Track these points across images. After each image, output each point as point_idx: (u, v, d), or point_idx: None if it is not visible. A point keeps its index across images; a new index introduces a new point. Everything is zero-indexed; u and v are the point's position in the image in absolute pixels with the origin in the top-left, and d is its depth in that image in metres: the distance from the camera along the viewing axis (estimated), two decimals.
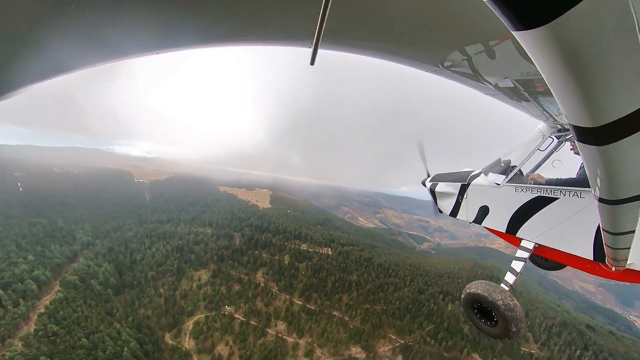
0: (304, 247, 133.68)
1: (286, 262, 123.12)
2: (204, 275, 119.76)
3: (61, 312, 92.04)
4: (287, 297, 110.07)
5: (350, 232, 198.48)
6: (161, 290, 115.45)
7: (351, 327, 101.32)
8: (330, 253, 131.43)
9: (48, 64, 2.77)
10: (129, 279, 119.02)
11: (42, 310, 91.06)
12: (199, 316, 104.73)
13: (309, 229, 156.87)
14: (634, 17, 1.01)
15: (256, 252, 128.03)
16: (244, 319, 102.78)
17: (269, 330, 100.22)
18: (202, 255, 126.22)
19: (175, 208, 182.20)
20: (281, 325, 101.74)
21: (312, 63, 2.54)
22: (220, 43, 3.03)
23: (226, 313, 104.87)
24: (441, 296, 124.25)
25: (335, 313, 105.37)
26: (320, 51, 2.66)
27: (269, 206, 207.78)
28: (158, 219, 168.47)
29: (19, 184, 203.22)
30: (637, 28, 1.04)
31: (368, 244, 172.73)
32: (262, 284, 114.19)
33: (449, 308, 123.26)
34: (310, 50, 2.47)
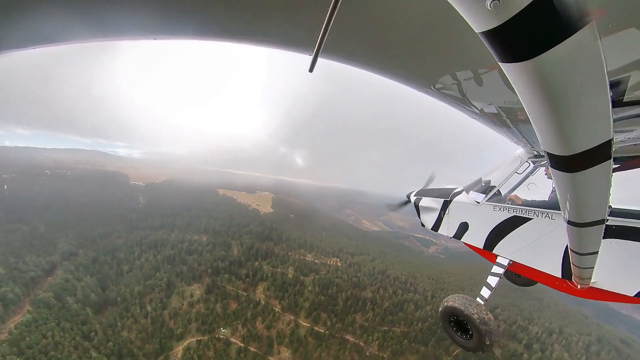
0: (309, 257, 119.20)
1: (290, 276, 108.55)
2: (196, 290, 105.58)
3: (27, 339, 78.22)
4: (292, 317, 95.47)
5: (357, 238, 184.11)
6: (148, 307, 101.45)
7: (367, 354, 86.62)
8: (339, 265, 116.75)
9: (36, 31, 2.61)
10: (112, 294, 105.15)
11: (4, 337, 77.45)
12: (190, 340, 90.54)
13: (314, 236, 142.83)
14: (603, 61, 1.20)
15: (256, 263, 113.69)
16: (241, 345, 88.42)
17: (271, 359, 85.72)
18: (196, 267, 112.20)
19: (170, 212, 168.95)
20: (285, 352, 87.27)
21: (311, 70, 2.60)
22: (220, 38, 2.91)
23: (221, 337, 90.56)
24: None
25: (348, 337, 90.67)
26: (321, 60, 2.89)
27: (271, 210, 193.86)
28: (151, 224, 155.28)
29: (5, 186, 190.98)
30: (605, 71, 1.24)
31: (378, 251, 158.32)
32: (263, 302, 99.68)
33: None
34: (310, 58, 2.53)
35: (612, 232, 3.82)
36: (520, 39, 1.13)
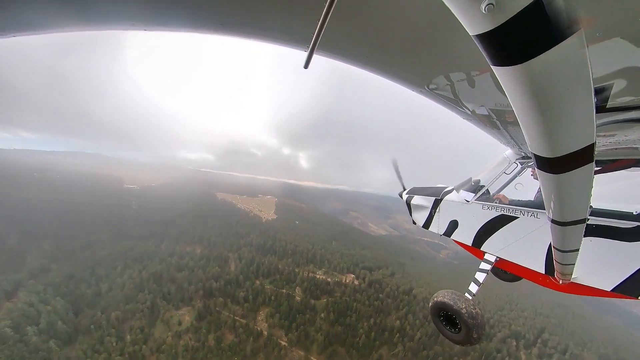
0: (320, 274, 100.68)
1: (298, 299, 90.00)
2: (185, 316, 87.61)
3: None
4: (302, 353, 77.18)
5: (370, 245, 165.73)
6: (127, 338, 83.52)
7: None
8: (356, 283, 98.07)
9: (14, 17, 2.42)
10: (85, 321, 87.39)
11: None
12: None
13: (324, 247, 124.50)
14: (589, 68, 1.26)
15: (257, 282, 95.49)
16: None
17: None
18: (186, 287, 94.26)
19: (162, 220, 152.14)
20: None
21: (306, 66, 2.69)
22: (213, 31, 2.88)
23: None
24: (513, 341, 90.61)
25: None
26: (323, 58, 3.07)
27: (275, 217, 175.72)
28: (139, 233, 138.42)
29: None
30: (591, 78, 1.30)
31: (395, 262, 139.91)
32: (266, 333, 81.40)
33: (524, 357, 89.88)
34: (305, 54, 2.61)
35: (592, 231, 4.05)
36: (512, 44, 1.18)
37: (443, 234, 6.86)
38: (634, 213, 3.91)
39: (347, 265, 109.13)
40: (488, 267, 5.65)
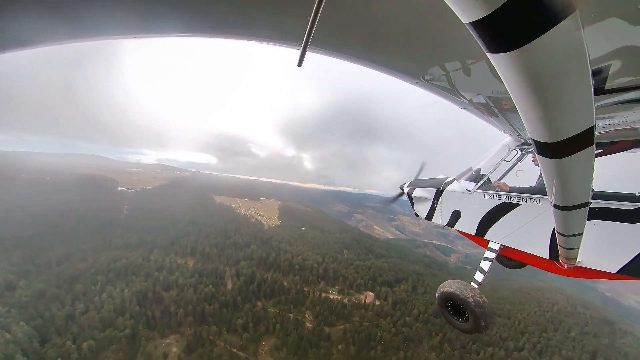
0: (334, 294, 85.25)
1: (309, 327, 74.40)
2: (172, 347, 72.54)
3: None
4: None
5: (383, 254, 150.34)
6: None
7: None
8: (377, 304, 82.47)
9: (4, 36, 2.46)
10: (52, 352, 72.37)
11: None
12: None
13: (335, 258, 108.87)
14: (586, 50, 1.25)
15: (258, 305, 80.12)
16: None
17: None
18: (174, 310, 78.93)
19: (153, 226, 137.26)
20: None
21: (299, 65, 2.71)
22: (204, 34, 2.92)
23: None
24: None
25: None
26: (317, 55, 3.12)
27: (278, 222, 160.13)
28: (127, 242, 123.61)
29: None
30: (588, 60, 1.28)
31: (411, 271, 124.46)
32: None
33: None
34: (298, 52, 2.63)
35: (595, 214, 4.08)
36: (506, 30, 1.16)
37: (446, 225, 6.81)
38: (637, 194, 3.90)
39: (364, 281, 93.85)
40: (493, 255, 5.65)
